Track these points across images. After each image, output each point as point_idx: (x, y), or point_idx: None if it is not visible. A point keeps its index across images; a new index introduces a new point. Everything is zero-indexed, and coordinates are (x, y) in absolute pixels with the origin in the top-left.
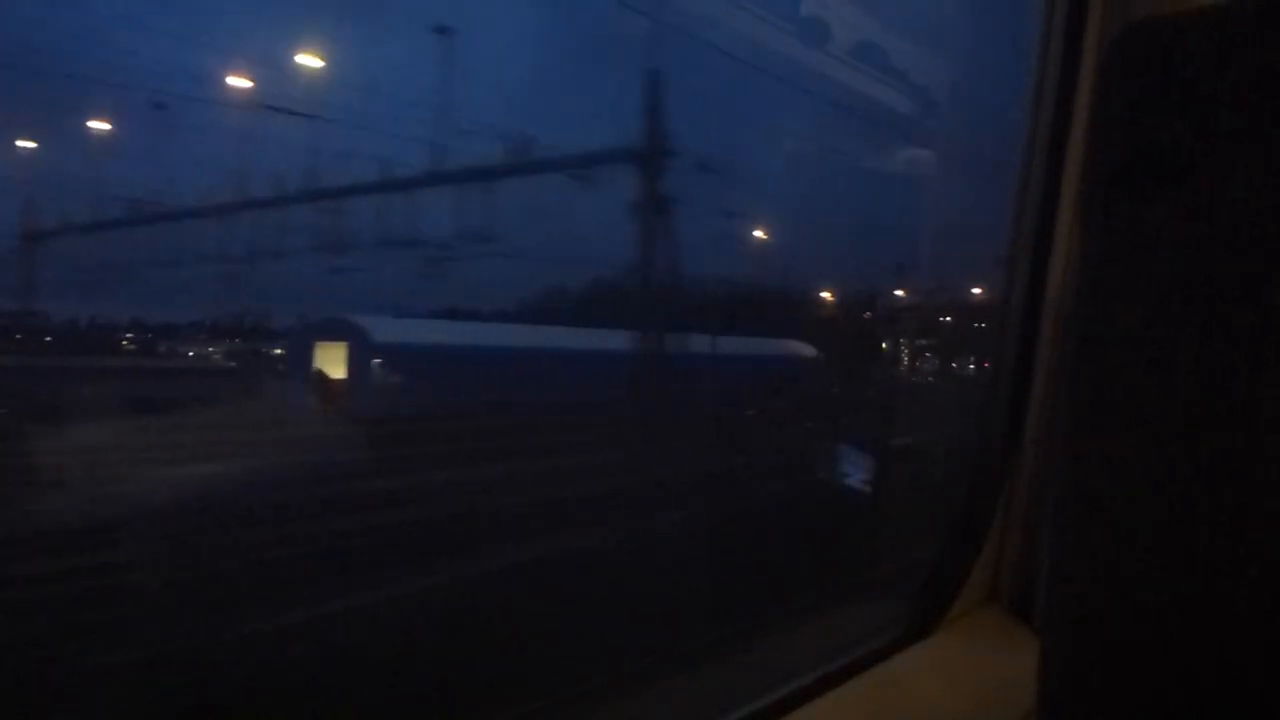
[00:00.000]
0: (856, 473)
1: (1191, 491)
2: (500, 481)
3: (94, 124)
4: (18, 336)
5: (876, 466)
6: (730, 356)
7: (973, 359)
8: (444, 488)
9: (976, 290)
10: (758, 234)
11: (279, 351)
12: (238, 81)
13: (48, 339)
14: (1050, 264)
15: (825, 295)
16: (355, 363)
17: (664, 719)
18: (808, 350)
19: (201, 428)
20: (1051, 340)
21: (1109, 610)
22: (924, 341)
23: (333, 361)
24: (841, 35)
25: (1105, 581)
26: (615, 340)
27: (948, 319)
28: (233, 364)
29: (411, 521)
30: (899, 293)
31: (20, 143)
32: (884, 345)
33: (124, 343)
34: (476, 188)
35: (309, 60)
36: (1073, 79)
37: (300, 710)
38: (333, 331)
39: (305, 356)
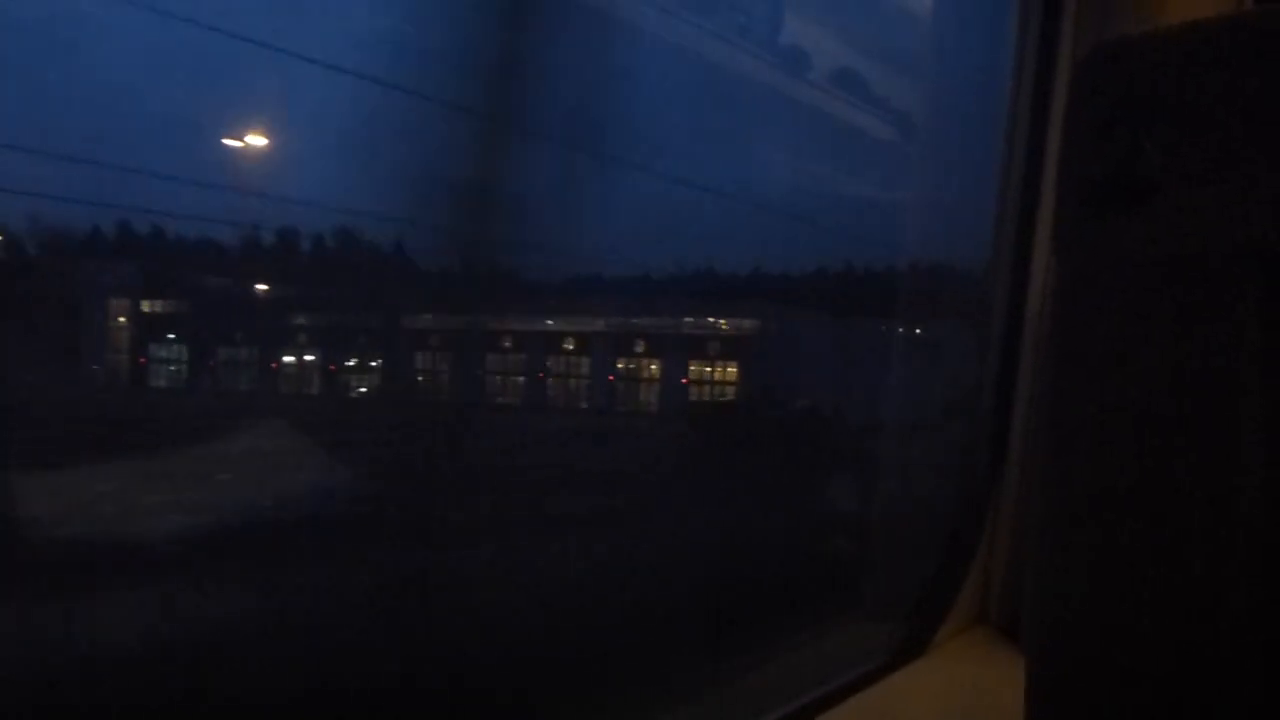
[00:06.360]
0: None
1: (1173, 510)
2: None
3: None
4: None
5: None
6: None
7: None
8: None
9: None
10: None
11: None
12: None
13: None
14: (1030, 284)
15: None
16: None
17: None
18: None
19: None
20: (1033, 360)
21: (1093, 630)
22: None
23: None
24: None
25: (1089, 601)
26: None
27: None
28: None
29: None
30: None
31: None
32: None
33: None
34: None
35: None
36: (1046, 99)
37: None
38: None
39: None
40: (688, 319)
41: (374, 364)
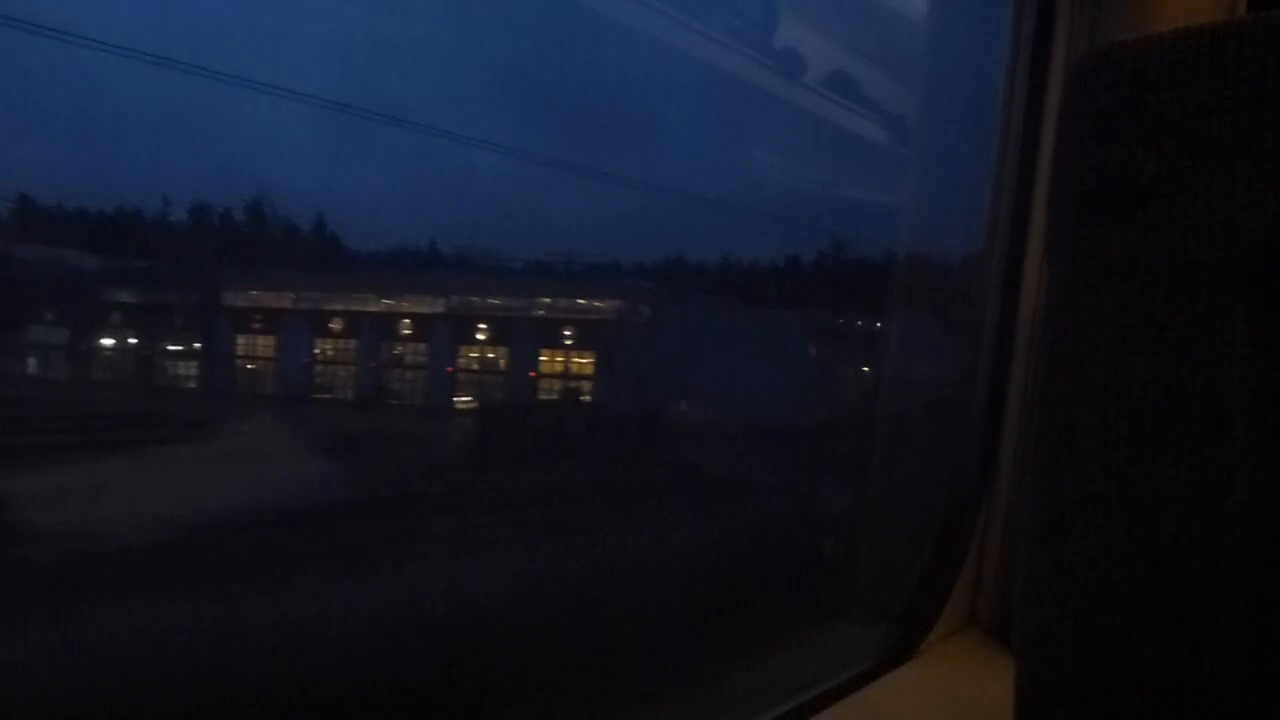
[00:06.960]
0: None
1: (1163, 515)
2: None
3: None
4: None
5: None
6: None
7: None
8: None
9: None
10: None
11: None
12: None
13: None
14: (1022, 288)
15: None
16: None
17: None
18: None
19: None
20: (1025, 363)
21: (1083, 633)
22: None
23: None
24: None
25: (1079, 605)
26: None
27: None
28: None
29: None
30: None
31: None
32: None
33: None
34: None
35: None
36: (1039, 104)
37: None
38: None
39: None
40: (545, 299)
41: (189, 348)
